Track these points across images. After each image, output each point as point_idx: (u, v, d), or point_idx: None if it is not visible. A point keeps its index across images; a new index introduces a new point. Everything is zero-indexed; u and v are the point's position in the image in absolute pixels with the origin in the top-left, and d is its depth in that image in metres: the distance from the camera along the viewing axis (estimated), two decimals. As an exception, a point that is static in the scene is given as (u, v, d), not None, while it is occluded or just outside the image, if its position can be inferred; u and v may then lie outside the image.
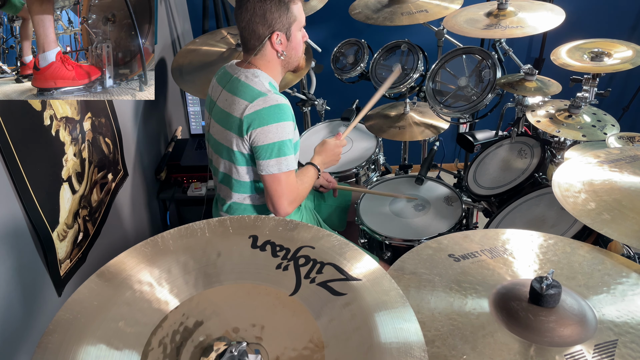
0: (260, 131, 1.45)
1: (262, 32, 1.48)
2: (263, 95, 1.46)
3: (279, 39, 1.49)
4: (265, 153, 1.47)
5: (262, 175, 1.51)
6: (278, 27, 1.48)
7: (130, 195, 2.09)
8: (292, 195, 1.54)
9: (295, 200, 1.55)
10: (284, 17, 1.47)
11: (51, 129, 1.45)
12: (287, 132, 1.48)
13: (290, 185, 1.53)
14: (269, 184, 1.51)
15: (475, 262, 0.97)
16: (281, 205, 1.52)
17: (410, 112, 2.15)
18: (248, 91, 1.47)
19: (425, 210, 1.87)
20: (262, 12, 1.44)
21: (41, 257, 1.40)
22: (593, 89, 1.70)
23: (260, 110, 1.45)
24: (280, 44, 1.51)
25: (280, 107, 1.46)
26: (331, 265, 0.81)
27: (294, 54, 1.57)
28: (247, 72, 1.51)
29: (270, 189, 1.51)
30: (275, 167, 1.48)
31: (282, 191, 1.51)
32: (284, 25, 1.48)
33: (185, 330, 0.73)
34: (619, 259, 0.98)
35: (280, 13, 1.46)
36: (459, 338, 0.81)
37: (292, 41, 1.53)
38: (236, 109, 1.47)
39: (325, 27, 2.96)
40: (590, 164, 1.19)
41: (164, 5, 2.63)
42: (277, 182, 1.50)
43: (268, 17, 1.45)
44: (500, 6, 1.88)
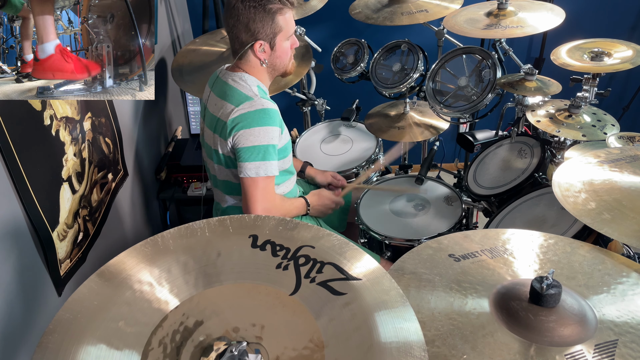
0: (242, 133, 1.44)
1: (245, 40, 1.48)
2: (249, 100, 1.45)
3: (262, 47, 1.49)
4: (245, 155, 1.45)
5: (241, 178, 1.48)
6: (261, 37, 1.47)
7: (130, 195, 2.09)
8: (268, 203, 1.49)
9: (270, 210, 1.50)
10: (268, 27, 1.46)
11: (51, 128, 1.45)
12: (272, 137, 1.47)
13: (268, 192, 1.49)
14: (246, 187, 1.47)
15: (476, 262, 0.97)
16: (255, 211, 1.47)
17: (410, 111, 2.15)
18: (235, 95, 1.47)
19: (425, 210, 1.87)
20: (246, 20, 1.44)
21: (41, 257, 1.40)
22: (593, 88, 1.70)
23: (245, 114, 1.44)
24: (263, 53, 1.50)
25: (267, 111, 1.46)
26: (331, 265, 0.81)
27: (278, 62, 1.56)
28: (234, 76, 1.51)
29: (247, 192, 1.48)
30: (254, 170, 1.46)
31: (258, 196, 1.47)
32: (267, 35, 1.47)
33: (185, 330, 0.73)
34: (619, 258, 0.98)
35: (264, 23, 1.45)
36: (459, 338, 0.81)
37: (276, 50, 1.52)
38: (223, 113, 1.47)
39: (325, 27, 2.96)
40: (590, 164, 1.19)
41: (164, 5, 2.63)
42: (254, 185, 1.47)
43: (251, 26, 1.45)
44: (500, 6, 1.87)
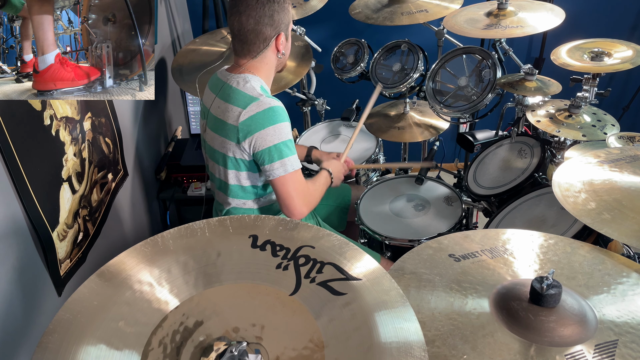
0: (258, 136, 1.45)
1: (269, 34, 1.48)
2: (255, 100, 1.45)
3: (282, 38, 1.51)
4: (267, 157, 1.46)
5: (271, 180, 1.50)
6: (282, 28, 1.50)
7: (130, 195, 2.09)
8: (303, 195, 1.52)
9: (307, 199, 1.54)
10: (287, 17, 1.49)
11: (51, 128, 1.45)
12: (286, 133, 1.48)
13: (300, 185, 1.51)
14: (279, 188, 1.49)
15: (476, 262, 0.97)
16: (295, 207, 1.50)
17: (410, 111, 2.15)
18: (240, 97, 1.47)
19: (425, 210, 1.87)
20: (271, 13, 1.45)
21: (41, 257, 1.40)
22: (593, 88, 1.70)
23: (254, 116, 1.44)
24: (281, 44, 1.52)
25: (274, 109, 1.46)
26: (331, 265, 0.81)
27: (287, 52, 1.59)
28: (238, 78, 1.51)
29: (281, 192, 1.50)
30: (281, 169, 1.47)
31: (293, 192, 1.50)
32: (286, 25, 1.51)
33: (185, 330, 0.73)
34: (619, 258, 0.98)
35: (284, 13, 1.48)
36: (459, 338, 0.81)
37: (289, 40, 1.56)
38: (230, 116, 1.47)
39: (325, 27, 2.96)
40: (590, 164, 1.19)
41: (164, 5, 2.63)
42: (285, 184, 1.49)
43: (275, 18, 1.46)
44: (500, 6, 1.87)
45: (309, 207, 1.55)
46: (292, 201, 1.50)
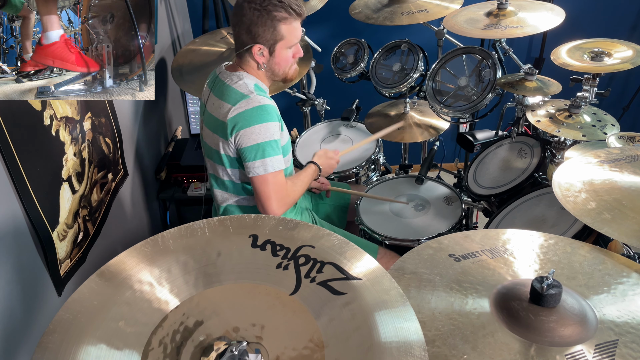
0: (244, 133, 1.45)
1: (245, 41, 1.49)
2: (246, 97, 1.46)
3: (260, 51, 1.50)
4: (250, 154, 1.47)
5: (250, 178, 1.50)
6: (261, 41, 1.48)
7: (130, 195, 2.09)
8: (280, 196, 1.52)
9: (283, 200, 1.54)
10: (269, 33, 1.46)
11: (51, 128, 1.45)
12: (272, 133, 1.48)
13: (278, 186, 1.51)
14: (257, 186, 1.50)
15: (476, 262, 0.97)
16: (270, 207, 1.50)
17: (410, 111, 2.15)
18: (232, 94, 1.48)
19: (425, 210, 1.87)
20: (248, 22, 1.45)
21: (41, 257, 1.40)
22: (593, 88, 1.70)
23: (243, 112, 1.45)
24: (261, 57, 1.51)
25: (264, 107, 1.46)
26: (331, 265, 0.81)
27: (276, 68, 1.56)
28: (232, 76, 1.52)
29: (258, 190, 1.50)
30: (261, 168, 1.47)
31: (270, 192, 1.50)
32: (267, 40, 1.48)
33: (185, 329, 0.73)
34: (619, 258, 0.98)
35: (265, 29, 1.45)
36: (459, 338, 0.81)
37: (275, 57, 1.52)
38: (221, 112, 1.48)
39: (325, 27, 2.96)
40: (590, 164, 1.19)
41: (164, 5, 2.63)
42: (264, 183, 1.49)
43: (252, 29, 1.45)
44: (500, 6, 1.87)
45: (285, 208, 1.55)
46: (268, 201, 1.50)
